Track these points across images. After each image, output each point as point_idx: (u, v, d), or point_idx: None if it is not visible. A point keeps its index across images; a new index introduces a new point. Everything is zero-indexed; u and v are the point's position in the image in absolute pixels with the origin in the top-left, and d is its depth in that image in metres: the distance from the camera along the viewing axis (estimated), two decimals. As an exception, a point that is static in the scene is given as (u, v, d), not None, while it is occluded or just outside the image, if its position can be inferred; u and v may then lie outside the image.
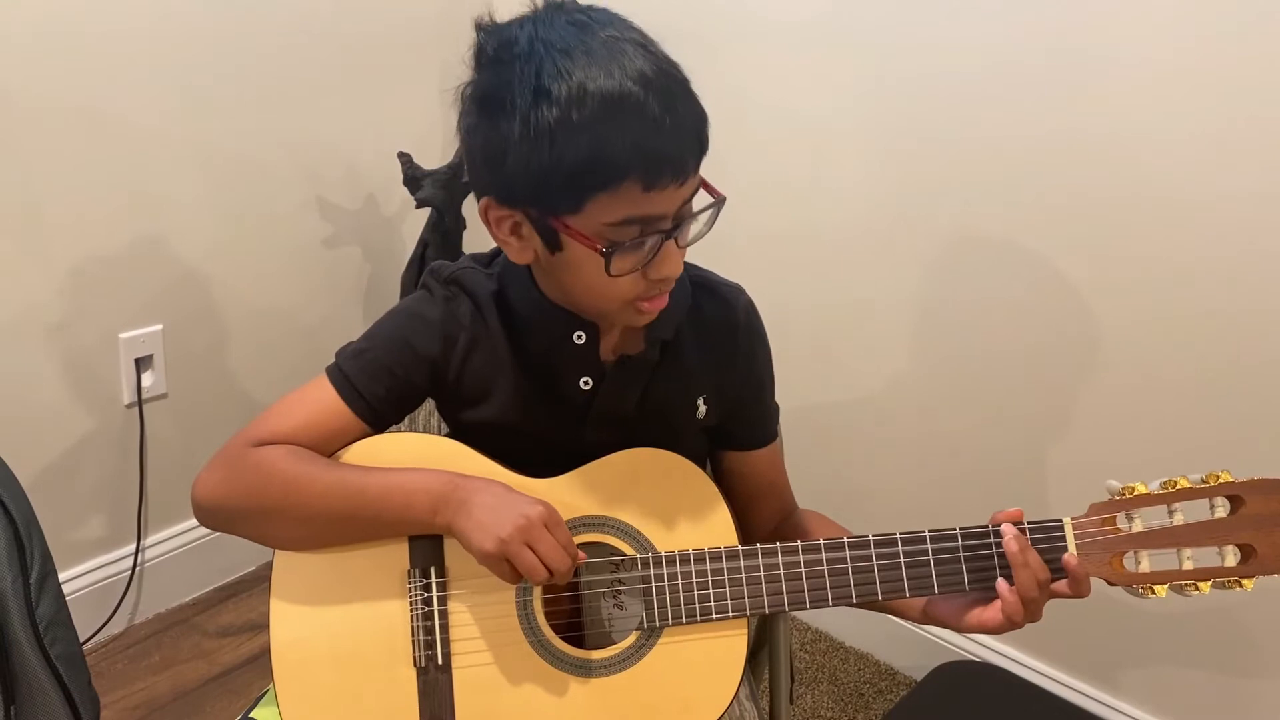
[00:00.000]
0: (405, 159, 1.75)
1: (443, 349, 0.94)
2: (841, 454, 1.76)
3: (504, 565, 0.83)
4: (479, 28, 0.83)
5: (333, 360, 0.95)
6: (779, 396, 1.05)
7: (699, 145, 0.82)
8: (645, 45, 0.80)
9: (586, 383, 0.94)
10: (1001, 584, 0.85)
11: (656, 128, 0.77)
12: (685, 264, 0.90)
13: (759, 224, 1.69)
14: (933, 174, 1.56)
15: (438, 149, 1.87)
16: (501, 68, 0.79)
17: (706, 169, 0.84)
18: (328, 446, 0.92)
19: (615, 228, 0.80)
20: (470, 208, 1.77)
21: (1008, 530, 0.85)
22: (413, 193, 1.76)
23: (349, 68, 1.87)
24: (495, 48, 0.81)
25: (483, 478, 0.88)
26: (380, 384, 0.93)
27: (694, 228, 0.85)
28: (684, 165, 0.80)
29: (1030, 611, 0.85)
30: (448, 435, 1.00)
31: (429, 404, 1.01)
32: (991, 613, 0.86)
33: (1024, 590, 0.84)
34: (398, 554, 0.90)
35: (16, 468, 1.04)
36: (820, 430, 1.75)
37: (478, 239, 0.89)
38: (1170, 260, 1.38)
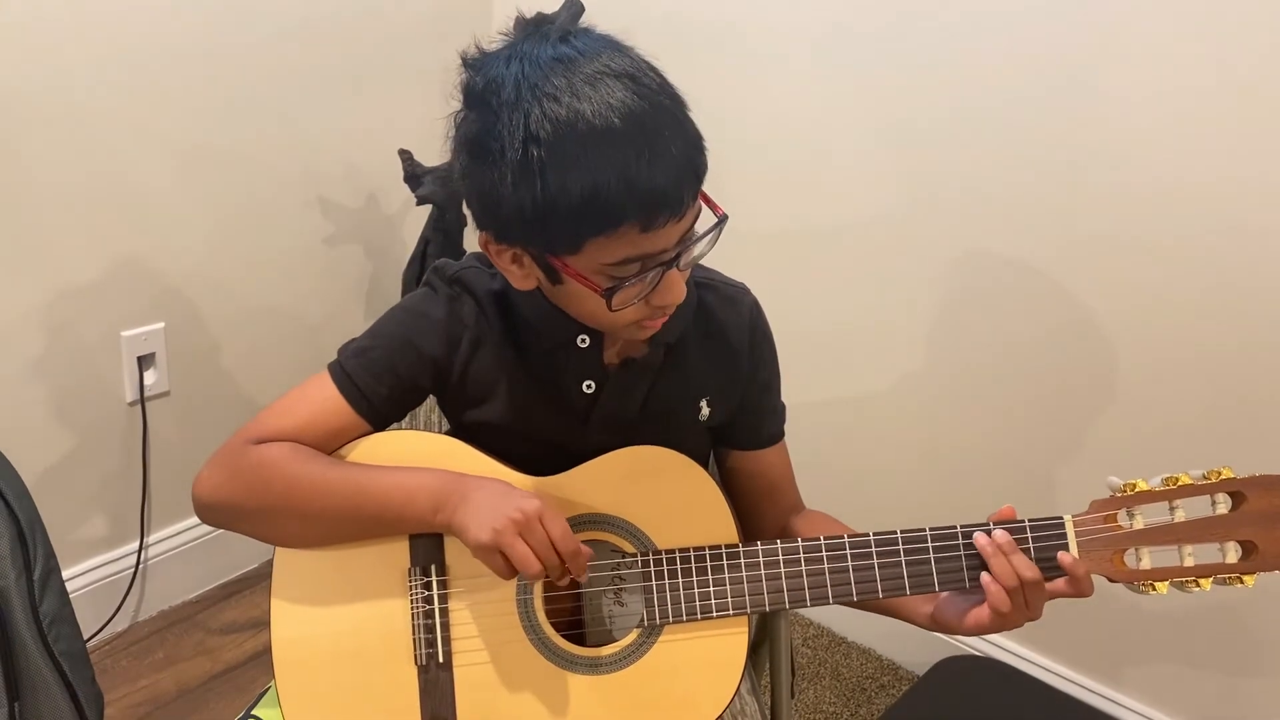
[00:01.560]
0: (406, 156, 1.74)
1: (446, 349, 0.94)
2: (844, 453, 1.76)
3: (497, 558, 0.83)
4: (465, 63, 0.81)
5: (334, 357, 0.95)
6: (784, 395, 1.05)
7: (695, 176, 0.80)
8: (634, 75, 0.77)
9: (589, 386, 0.94)
10: (985, 576, 0.84)
11: (649, 168, 0.75)
12: None
13: (763, 224, 1.68)
14: (936, 175, 1.56)
15: (438, 146, 1.86)
16: (489, 113, 0.78)
17: (710, 169, 0.82)
18: (329, 445, 0.92)
19: (615, 266, 0.80)
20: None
21: (997, 531, 0.85)
22: (413, 190, 1.76)
23: (349, 65, 1.87)
24: (483, 87, 0.79)
25: (482, 476, 0.88)
26: (383, 383, 0.93)
27: (696, 248, 0.84)
28: (680, 200, 0.78)
29: (1020, 608, 0.84)
30: (448, 433, 1.00)
31: (430, 401, 1.01)
32: (983, 609, 0.85)
33: (1002, 579, 0.83)
34: (398, 552, 0.90)
35: (19, 466, 1.05)
36: (824, 429, 1.75)
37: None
38: (1173, 259, 1.38)
